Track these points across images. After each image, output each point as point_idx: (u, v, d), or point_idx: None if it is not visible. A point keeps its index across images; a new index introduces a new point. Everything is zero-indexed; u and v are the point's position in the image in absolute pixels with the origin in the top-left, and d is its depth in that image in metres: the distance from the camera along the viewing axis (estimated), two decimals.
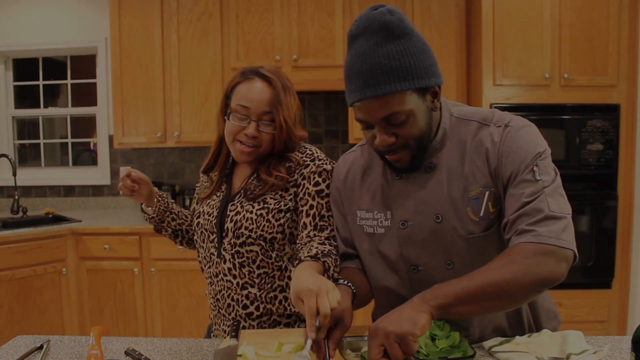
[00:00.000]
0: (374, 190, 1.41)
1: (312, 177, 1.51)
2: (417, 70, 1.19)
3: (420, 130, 1.23)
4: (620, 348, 1.35)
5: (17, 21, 4.23)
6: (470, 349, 1.23)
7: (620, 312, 3.34)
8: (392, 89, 1.16)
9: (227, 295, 1.55)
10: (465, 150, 1.29)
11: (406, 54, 1.18)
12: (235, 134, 1.51)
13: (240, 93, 1.51)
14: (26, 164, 4.52)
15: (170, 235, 1.77)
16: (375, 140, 1.24)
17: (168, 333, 3.50)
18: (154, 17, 3.74)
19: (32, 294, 3.34)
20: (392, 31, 1.18)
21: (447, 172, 1.30)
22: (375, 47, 1.17)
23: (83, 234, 3.51)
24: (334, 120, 4.09)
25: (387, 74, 1.16)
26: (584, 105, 3.26)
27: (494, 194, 1.25)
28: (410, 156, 1.26)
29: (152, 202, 1.67)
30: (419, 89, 1.20)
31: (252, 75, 1.53)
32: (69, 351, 1.41)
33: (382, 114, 1.19)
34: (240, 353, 1.28)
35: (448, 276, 1.24)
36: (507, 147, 1.24)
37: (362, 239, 1.43)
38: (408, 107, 1.19)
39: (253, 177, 1.58)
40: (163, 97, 3.78)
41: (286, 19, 3.64)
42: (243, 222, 1.51)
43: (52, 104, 4.48)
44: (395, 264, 1.38)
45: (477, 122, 1.31)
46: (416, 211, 1.32)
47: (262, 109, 1.49)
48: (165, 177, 4.24)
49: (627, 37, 3.23)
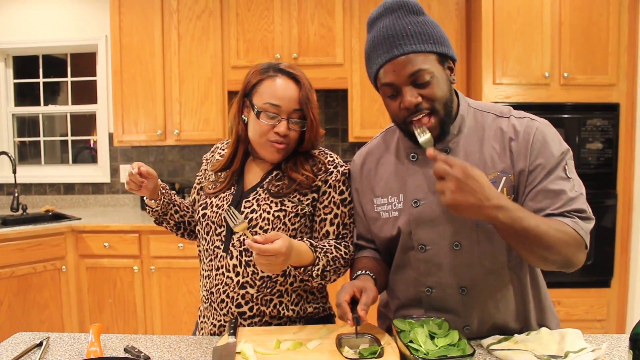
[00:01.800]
0: (387, 176, 1.47)
1: (337, 186, 1.54)
2: (437, 38, 1.30)
3: (443, 94, 1.31)
4: (619, 346, 1.36)
5: (17, 18, 4.22)
6: (469, 347, 1.23)
7: (619, 311, 3.34)
8: (417, 49, 1.27)
9: (222, 291, 1.53)
10: (483, 137, 1.36)
11: (426, 24, 1.30)
12: (266, 134, 1.49)
13: (267, 91, 1.49)
14: (26, 162, 4.52)
15: (172, 228, 1.75)
16: (402, 104, 1.30)
17: (167, 331, 3.50)
18: (154, 14, 3.74)
19: (31, 291, 3.35)
20: (410, 8, 1.30)
21: (464, 157, 1.35)
22: (397, 19, 1.29)
23: (83, 231, 3.51)
24: (333, 118, 4.09)
25: (411, 36, 1.27)
26: (584, 104, 3.26)
27: (510, 181, 1.32)
28: (438, 122, 1.31)
29: (156, 195, 1.65)
30: (440, 55, 1.30)
31: (276, 73, 1.51)
32: (68, 348, 1.42)
33: (409, 71, 1.27)
34: (239, 350, 1.29)
35: (454, 258, 1.33)
36: (538, 140, 1.31)
37: (380, 226, 1.47)
38: (431, 69, 1.28)
39: (274, 174, 1.56)
40: (163, 95, 3.78)
41: (286, 17, 3.64)
42: (259, 222, 1.49)
43: (52, 101, 4.48)
44: (405, 243, 1.42)
45: (494, 114, 1.39)
46: (429, 191, 1.37)
47: (293, 106, 1.50)
48: (165, 175, 4.24)
49: (626, 36, 3.23)
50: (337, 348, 1.30)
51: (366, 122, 3.64)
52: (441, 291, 1.42)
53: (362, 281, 1.38)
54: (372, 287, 1.35)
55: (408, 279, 1.46)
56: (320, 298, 1.63)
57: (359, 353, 1.28)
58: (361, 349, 1.30)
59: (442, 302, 1.43)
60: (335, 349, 1.30)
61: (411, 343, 1.26)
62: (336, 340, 1.34)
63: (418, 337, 1.27)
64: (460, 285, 1.40)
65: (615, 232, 3.30)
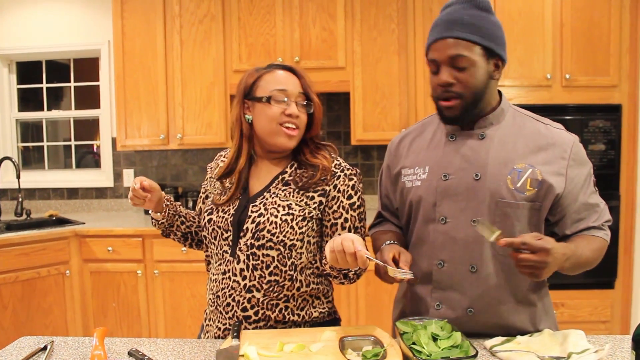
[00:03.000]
0: (418, 151, 1.58)
1: (346, 190, 1.56)
2: (489, 34, 1.41)
3: (476, 85, 1.41)
4: (622, 347, 1.36)
5: (20, 24, 4.25)
6: (472, 349, 1.23)
7: (623, 312, 3.33)
8: (464, 37, 1.38)
9: (228, 295, 1.53)
10: (519, 133, 1.48)
11: (484, 20, 1.41)
12: (278, 118, 1.52)
13: (270, 82, 1.54)
14: (30, 167, 4.53)
15: (179, 239, 1.76)
16: (437, 80, 1.43)
17: (171, 334, 3.51)
18: (156, 19, 3.75)
19: (36, 295, 3.36)
20: (478, 3, 1.42)
21: (498, 144, 1.47)
22: (462, 8, 1.41)
23: (86, 236, 3.52)
24: (336, 122, 4.09)
25: (464, 25, 1.39)
26: (586, 105, 3.26)
27: (535, 174, 1.42)
28: (461, 107, 1.43)
29: (161, 208, 1.65)
30: (486, 49, 1.40)
31: (272, 68, 1.58)
32: (73, 352, 1.42)
33: (450, 53, 1.39)
34: (243, 353, 1.29)
35: (470, 233, 1.44)
36: (576, 153, 1.46)
37: (404, 194, 1.59)
38: (472, 58, 1.39)
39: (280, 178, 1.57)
40: (166, 99, 3.79)
41: (288, 21, 3.65)
42: (266, 225, 1.49)
43: (56, 106, 4.50)
44: (428, 215, 1.51)
45: (533, 118, 1.52)
46: (459, 167, 1.47)
47: (298, 90, 1.56)
48: (169, 179, 4.25)
49: (628, 37, 3.23)
50: (340, 350, 1.31)
51: (368, 125, 3.64)
52: (452, 266, 1.48)
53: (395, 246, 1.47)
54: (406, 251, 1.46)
55: (424, 252, 1.53)
56: (325, 302, 1.63)
57: (362, 355, 1.28)
58: (364, 351, 1.30)
59: (451, 278, 1.48)
60: (339, 351, 1.30)
61: (414, 345, 1.27)
62: (339, 343, 1.34)
63: (421, 339, 1.28)
64: (471, 263, 1.46)
65: (618, 233, 3.29)
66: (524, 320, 1.48)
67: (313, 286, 1.56)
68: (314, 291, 1.57)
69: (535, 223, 1.46)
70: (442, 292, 1.49)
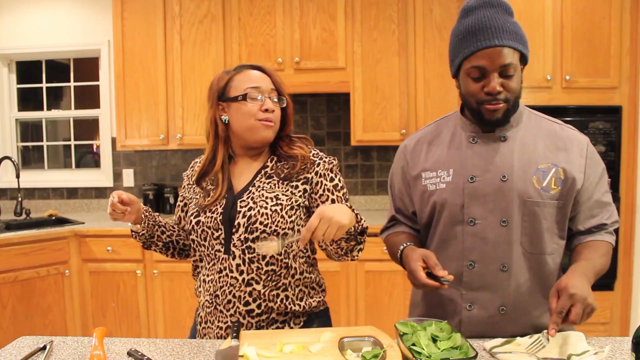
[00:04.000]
0: (438, 154, 1.60)
1: (327, 174, 1.61)
2: (525, 41, 1.47)
3: (518, 89, 1.48)
4: (622, 349, 1.36)
5: (20, 24, 4.24)
6: (472, 350, 1.23)
7: (622, 314, 3.33)
8: (513, 45, 1.42)
9: (228, 292, 1.55)
10: (538, 134, 1.54)
11: (518, 26, 1.46)
12: (255, 114, 1.57)
13: (242, 81, 1.59)
14: (29, 166, 4.53)
15: (160, 250, 1.75)
16: (486, 88, 1.45)
17: (170, 334, 3.50)
18: (156, 19, 3.75)
19: (35, 295, 3.36)
20: (507, 8, 1.47)
21: (519, 145, 1.51)
22: (497, 14, 1.44)
23: (86, 236, 3.52)
24: (335, 122, 4.09)
25: (510, 33, 1.43)
26: (586, 107, 3.26)
27: (559, 173, 1.48)
28: (505, 110, 1.48)
29: (140, 219, 1.64)
30: (522, 56, 1.47)
31: (241, 69, 1.63)
32: (72, 352, 1.42)
33: (502, 61, 1.42)
34: (242, 354, 1.29)
35: (500, 233, 1.48)
36: (591, 152, 1.52)
37: (427, 197, 1.60)
38: (516, 65, 1.45)
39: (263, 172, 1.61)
40: (165, 99, 3.79)
41: (288, 21, 3.65)
42: (258, 217, 1.52)
43: (55, 106, 4.49)
44: (455, 217, 1.53)
45: (547, 119, 1.60)
46: (486, 170, 1.50)
47: (270, 86, 1.61)
48: (168, 179, 4.25)
49: (628, 39, 3.23)
50: (339, 351, 1.31)
51: (368, 126, 3.64)
52: (483, 266, 1.50)
53: (415, 252, 1.49)
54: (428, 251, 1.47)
55: (451, 254, 1.55)
56: (320, 292, 1.69)
57: (362, 356, 1.28)
58: (364, 352, 1.30)
59: (482, 278, 1.50)
60: (338, 352, 1.30)
61: (413, 346, 1.27)
62: (339, 344, 1.34)
63: (420, 340, 1.28)
64: (502, 262, 1.48)
65: (618, 235, 3.27)
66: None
67: (306, 275, 1.62)
68: (307, 280, 1.62)
69: (559, 220, 1.51)
70: (473, 293, 1.52)
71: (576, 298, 1.25)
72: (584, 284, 1.30)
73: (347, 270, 3.38)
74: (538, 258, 1.50)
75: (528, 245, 1.49)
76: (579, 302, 1.25)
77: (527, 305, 1.50)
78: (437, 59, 3.60)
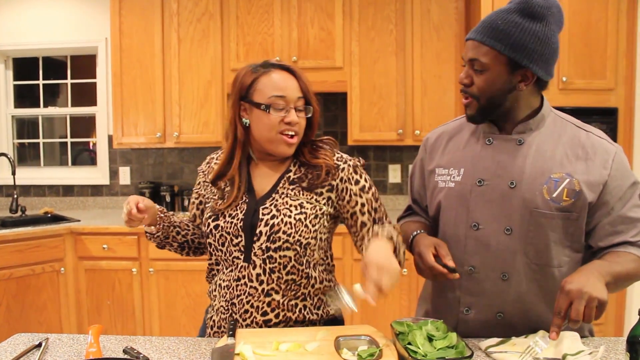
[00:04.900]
0: (454, 151, 1.57)
1: (351, 178, 1.54)
2: (518, 46, 1.36)
3: (491, 90, 1.41)
4: (616, 349, 1.36)
5: (17, 20, 4.23)
6: (468, 350, 1.24)
7: (617, 315, 3.34)
8: (486, 42, 1.37)
9: (246, 302, 1.49)
10: (559, 140, 1.44)
11: (521, 29, 1.36)
12: (277, 126, 1.48)
13: (267, 86, 1.48)
14: (25, 163, 4.52)
15: (175, 250, 1.70)
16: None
17: (166, 333, 3.50)
18: (154, 17, 3.75)
19: (30, 293, 3.35)
20: (525, 10, 1.37)
21: (535, 151, 1.44)
22: (505, 12, 1.39)
23: (82, 233, 3.51)
24: (333, 122, 4.10)
25: (492, 30, 1.37)
26: (582, 108, 3.26)
27: (573, 184, 1.39)
28: (476, 108, 1.44)
29: (155, 221, 1.59)
30: (509, 59, 1.37)
31: (268, 69, 1.51)
32: (68, 349, 1.42)
33: (470, 55, 1.41)
34: (238, 352, 1.29)
35: (502, 241, 1.43)
36: (617, 163, 1.41)
37: (436, 194, 1.58)
38: (489, 64, 1.38)
39: (287, 177, 1.54)
40: (163, 97, 3.78)
41: (286, 20, 3.65)
42: (281, 227, 1.46)
43: (52, 103, 4.48)
44: (459, 219, 1.50)
45: (575, 125, 1.49)
46: (495, 174, 1.45)
47: (297, 94, 1.50)
48: (165, 177, 4.24)
49: (624, 41, 3.24)
50: (335, 350, 1.31)
51: (365, 126, 3.65)
52: (483, 273, 1.47)
53: (428, 238, 1.49)
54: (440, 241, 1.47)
55: (453, 256, 1.48)
56: None
57: (358, 355, 1.28)
58: (360, 350, 1.30)
59: (480, 284, 1.48)
60: (334, 350, 1.31)
61: (409, 345, 1.27)
62: (335, 342, 1.34)
63: (416, 339, 1.28)
64: (503, 271, 1.45)
65: None
66: None
67: (326, 283, 1.58)
68: (326, 289, 1.58)
69: (572, 232, 1.42)
70: (471, 298, 1.49)
71: (572, 294, 1.19)
72: (587, 279, 1.22)
73: (343, 270, 3.38)
74: (544, 269, 1.43)
75: (533, 255, 1.43)
76: (578, 298, 1.18)
77: (527, 314, 1.46)
78: (434, 59, 3.61)
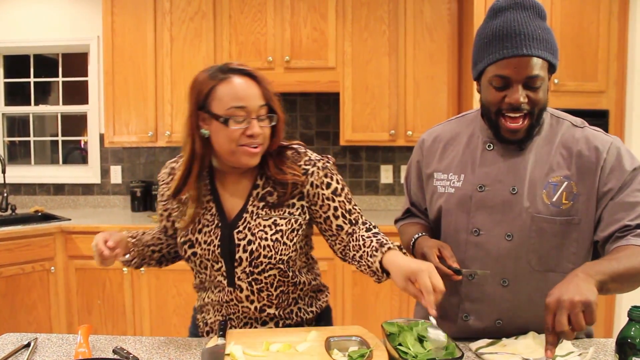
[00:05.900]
0: (453, 156, 1.54)
1: (322, 182, 1.47)
2: (555, 51, 1.38)
3: (543, 101, 1.38)
4: (605, 350, 1.37)
5: (8, 18, 4.20)
6: (458, 351, 1.24)
7: (606, 316, 3.36)
8: (542, 55, 1.33)
9: (242, 317, 1.51)
10: (554, 141, 1.44)
11: (549, 33, 1.36)
12: (237, 140, 1.37)
13: (226, 95, 1.38)
14: (16, 162, 4.48)
15: (154, 265, 1.66)
16: (508, 98, 1.36)
17: (156, 332, 3.48)
18: (146, 16, 3.73)
19: (20, 292, 3.32)
20: (539, 11, 1.37)
21: (535, 156, 1.43)
22: (528, 18, 1.35)
23: (72, 232, 3.49)
24: (325, 122, 4.09)
25: (540, 41, 1.33)
26: (574, 110, 3.21)
27: (570, 187, 1.39)
28: (528, 125, 1.38)
29: (128, 249, 1.54)
30: (551, 66, 1.38)
31: (227, 74, 1.40)
32: (57, 349, 1.41)
33: (528, 73, 1.33)
34: (228, 352, 1.29)
35: (504, 247, 1.42)
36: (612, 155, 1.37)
37: (436, 199, 1.56)
38: (544, 76, 1.35)
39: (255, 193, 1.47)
40: (155, 96, 3.77)
41: (279, 20, 3.65)
42: (260, 251, 1.42)
43: (43, 101, 4.45)
44: (460, 224, 1.49)
45: (570, 122, 1.47)
46: (496, 180, 1.44)
47: (258, 103, 1.39)
48: (156, 176, 4.21)
49: (616, 44, 3.27)
50: (326, 350, 1.31)
51: (357, 126, 3.65)
52: (483, 279, 1.46)
53: (431, 240, 1.49)
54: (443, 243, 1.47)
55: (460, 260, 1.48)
56: (326, 291, 1.67)
57: (348, 356, 1.28)
58: (350, 351, 1.30)
59: (480, 290, 1.47)
60: (325, 351, 1.30)
61: (400, 346, 1.27)
62: (325, 343, 1.34)
63: (407, 340, 1.28)
64: (503, 277, 1.44)
65: None
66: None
67: (312, 282, 1.59)
68: (315, 287, 1.60)
69: (577, 238, 1.40)
70: (471, 304, 1.49)
71: (552, 307, 1.12)
72: (567, 287, 1.14)
73: (335, 271, 3.39)
74: (547, 276, 1.41)
75: (536, 262, 1.42)
76: (559, 309, 1.10)
77: (525, 319, 1.44)
78: (427, 60, 3.61)
